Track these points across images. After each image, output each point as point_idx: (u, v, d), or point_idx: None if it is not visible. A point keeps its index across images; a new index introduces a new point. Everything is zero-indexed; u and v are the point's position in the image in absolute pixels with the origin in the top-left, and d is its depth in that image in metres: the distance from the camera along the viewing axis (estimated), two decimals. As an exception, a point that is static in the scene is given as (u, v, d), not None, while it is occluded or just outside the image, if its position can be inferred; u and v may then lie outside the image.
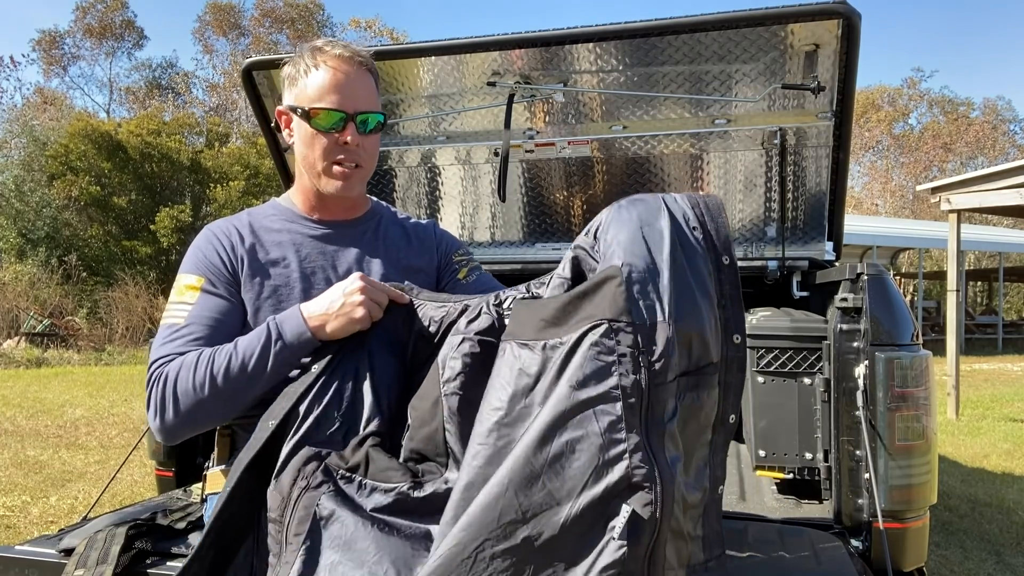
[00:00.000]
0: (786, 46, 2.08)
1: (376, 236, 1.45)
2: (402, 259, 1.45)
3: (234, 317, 1.28)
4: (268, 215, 1.40)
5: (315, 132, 1.29)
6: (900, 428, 1.64)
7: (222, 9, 28.25)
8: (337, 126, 1.28)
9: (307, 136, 1.30)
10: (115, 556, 1.44)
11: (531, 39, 2.14)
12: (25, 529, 3.47)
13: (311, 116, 1.28)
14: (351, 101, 1.28)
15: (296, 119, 1.31)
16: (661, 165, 2.57)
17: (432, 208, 2.94)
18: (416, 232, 1.51)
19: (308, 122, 1.28)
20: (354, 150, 1.30)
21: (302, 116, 1.29)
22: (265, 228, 1.37)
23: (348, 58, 1.29)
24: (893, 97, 33.29)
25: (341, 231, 1.41)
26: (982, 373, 10.90)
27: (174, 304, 1.28)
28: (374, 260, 1.41)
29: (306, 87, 1.29)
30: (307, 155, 1.32)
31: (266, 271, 1.32)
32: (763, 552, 1.58)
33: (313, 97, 1.27)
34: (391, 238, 1.46)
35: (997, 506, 3.91)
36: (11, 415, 6.54)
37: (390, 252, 1.44)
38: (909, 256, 22.96)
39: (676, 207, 0.99)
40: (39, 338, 12.39)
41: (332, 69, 1.28)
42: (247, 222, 1.38)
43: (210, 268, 1.30)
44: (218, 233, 1.34)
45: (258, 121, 2.63)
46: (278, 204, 1.43)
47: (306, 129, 1.30)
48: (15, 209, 15.32)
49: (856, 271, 1.76)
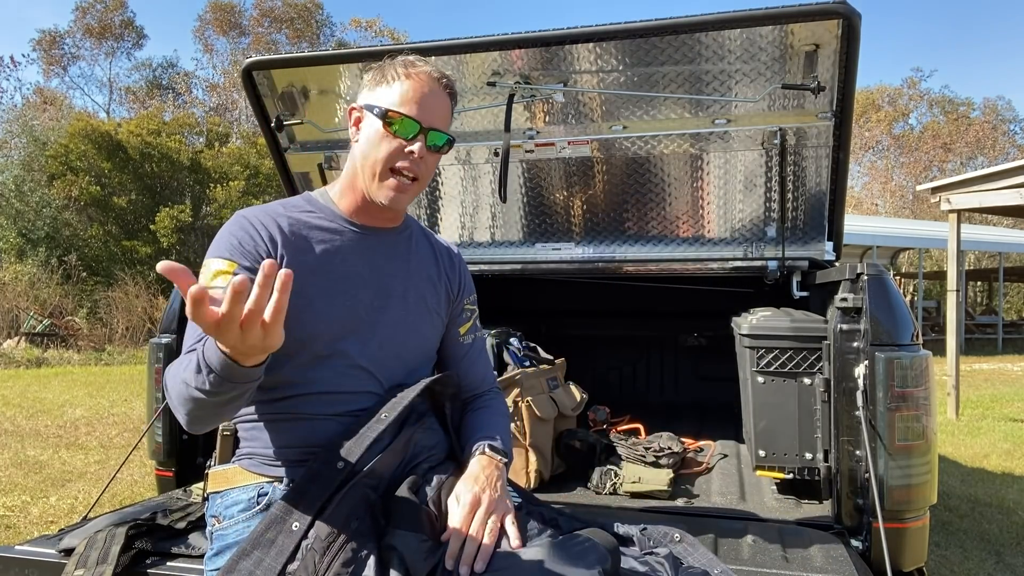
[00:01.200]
0: (786, 46, 2.08)
1: (410, 248, 1.46)
2: (427, 272, 1.46)
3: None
4: (306, 211, 1.37)
5: (386, 134, 1.30)
6: (900, 428, 1.64)
7: (223, 8, 28.25)
8: (409, 134, 1.30)
9: (377, 136, 1.30)
10: (115, 556, 1.44)
11: (531, 39, 2.15)
12: (25, 529, 3.47)
13: (388, 118, 1.29)
14: (429, 116, 1.30)
15: (371, 117, 1.32)
16: (661, 165, 2.57)
17: (432, 208, 2.94)
18: (442, 252, 1.53)
19: (384, 122, 1.29)
20: (416, 161, 1.31)
21: (379, 115, 1.30)
22: (305, 224, 1.34)
23: (437, 78, 1.33)
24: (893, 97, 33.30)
25: (381, 239, 1.41)
26: (982, 373, 10.90)
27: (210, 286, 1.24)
28: (403, 271, 1.41)
29: (390, 92, 1.31)
30: (370, 155, 1.31)
31: (305, 270, 1.29)
32: (763, 552, 1.58)
33: (395, 102, 1.30)
34: (422, 253, 1.48)
35: (997, 506, 3.91)
36: (11, 415, 6.54)
37: (420, 264, 1.45)
38: (909, 256, 22.96)
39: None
40: (39, 338, 12.39)
41: (420, 83, 1.31)
42: (285, 216, 1.33)
43: (244, 254, 1.26)
44: (254, 222, 1.30)
45: (258, 121, 2.63)
46: (316, 201, 1.39)
47: (378, 130, 1.30)
48: (15, 209, 15.32)
49: (856, 271, 1.76)
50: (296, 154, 2.77)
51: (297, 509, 1.13)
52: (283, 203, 1.39)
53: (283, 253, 1.29)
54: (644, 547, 1.31)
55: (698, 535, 1.62)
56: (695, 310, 3.48)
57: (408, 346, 1.39)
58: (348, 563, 1.06)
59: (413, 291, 1.41)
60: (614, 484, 2.14)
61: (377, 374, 1.33)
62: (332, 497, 1.13)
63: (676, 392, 3.65)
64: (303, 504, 1.13)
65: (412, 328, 1.40)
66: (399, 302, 1.39)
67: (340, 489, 1.14)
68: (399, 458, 1.25)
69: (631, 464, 2.23)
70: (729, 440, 2.70)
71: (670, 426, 2.57)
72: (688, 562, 1.26)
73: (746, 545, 1.62)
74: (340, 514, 1.10)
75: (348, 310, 1.32)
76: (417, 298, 1.42)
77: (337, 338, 1.30)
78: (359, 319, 1.33)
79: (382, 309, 1.36)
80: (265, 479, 1.28)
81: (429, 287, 1.45)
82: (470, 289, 1.58)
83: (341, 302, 1.32)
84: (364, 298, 1.34)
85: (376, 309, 1.35)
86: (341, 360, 1.30)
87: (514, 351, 2.52)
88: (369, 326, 1.34)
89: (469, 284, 1.58)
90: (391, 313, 1.37)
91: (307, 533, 1.11)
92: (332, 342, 1.30)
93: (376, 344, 1.34)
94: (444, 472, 1.28)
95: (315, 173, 2.82)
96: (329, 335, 1.29)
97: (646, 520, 1.61)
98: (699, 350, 3.62)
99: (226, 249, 1.26)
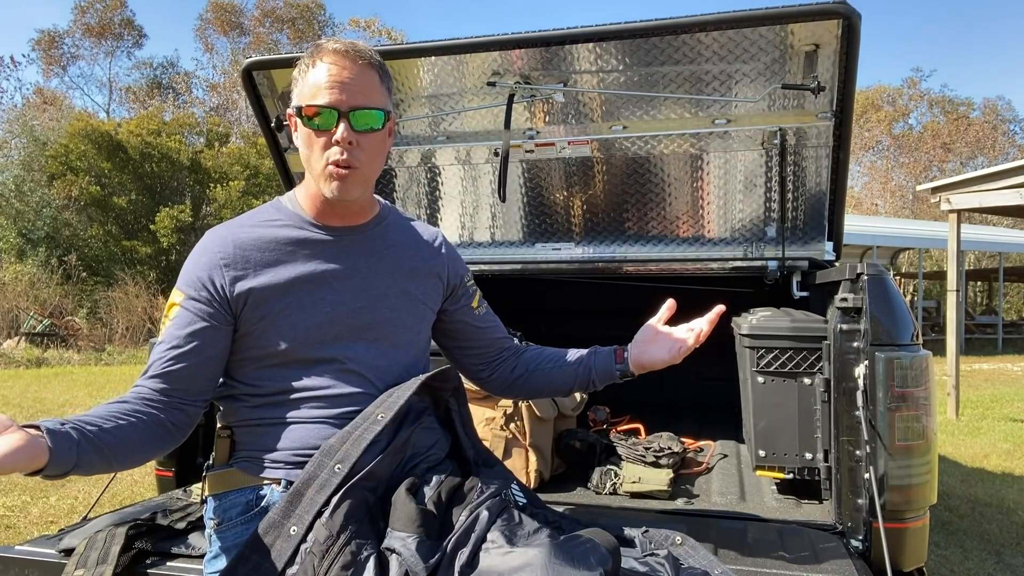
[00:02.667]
0: (786, 46, 2.08)
1: (384, 243, 1.41)
2: (408, 264, 1.42)
3: (208, 335, 1.26)
4: (272, 220, 1.35)
5: (310, 131, 1.25)
6: (900, 428, 1.64)
7: (223, 8, 28.25)
8: (330, 124, 1.24)
9: (305, 137, 1.27)
10: (115, 556, 1.44)
11: (531, 39, 2.14)
12: (25, 529, 3.47)
13: (305, 115, 1.24)
14: (347, 97, 1.23)
15: (297, 121, 1.28)
16: (661, 165, 2.57)
17: (432, 208, 2.94)
18: (424, 239, 1.48)
19: (303, 121, 1.25)
20: (348, 149, 1.24)
21: (299, 115, 1.26)
22: (272, 238, 1.32)
23: (344, 52, 1.24)
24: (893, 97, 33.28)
25: (349, 238, 1.37)
26: (982, 373, 10.90)
27: (164, 319, 1.29)
28: (381, 268, 1.38)
29: (304, 86, 1.26)
30: (307, 156, 1.29)
31: (278, 282, 1.28)
32: (763, 552, 1.58)
33: (308, 95, 1.24)
34: (400, 244, 1.43)
35: (997, 506, 3.91)
36: (11, 415, 6.52)
37: (398, 258, 1.41)
38: (909, 256, 22.95)
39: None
40: (39, 338, 12.39)
41: (328, 65, 1.24)
42: (251, 231, 1.32)
43: (192, 284, 1.27)
44: (211, 246, 1.30)
45: (258, 121, 2.63)
46: (283, 207, 1.37)
47: (303, 129, 1.27)
48: (15, 209, 15.32)
49: (856, 271, 1.76)
50: (296, 154, 2.76)
51: (295, 513, 1.13)
52: (252, 214, 1.37)
53: (247, 271, 1.28)
54: (645, 549, 1.31)
55: (698, 535, 1.62)
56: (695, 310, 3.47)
57: (398, 343, 1.38)
58: (347, 566, 1.06)
59: (395, 287, 1.38)
60: (614, 484, 2.14)
61: (369, 375, 1.32)
62: (330, 500, 1.13)
63: (676, 392, 3.65)
64: (301, 508, 1.13)
65: (399, 324, 1.38)
66: (381, 300, 1.36)
67: (338, 492, 1.14)
68: (397, 459, 1.25)
69: (631, 464, 2.23)
70: (729, 440, 2.70)
71: (670, 426, 2.57)
72: (688, 563, 1.26)
73: (746, 545, 1.62)
74: (338, 517, 1.10)
75: (328, 316, 1.30)
76: (399, 293, 1.39)
77: (322, 344, 1.29)
78: (342, 323, 1.31)
79: (365, 310, 1.34)
80: (262, 482, 1.28)
81: (412, 279, 1.41)
82: (463, 269, 1.55)
83: (320, 309, 1.30)
84: (344, 301, 1.32)
85: (358, 311, 1.33)
86: (330, 365, 1.30)
87: (514, 351, 2.52)
88: (353, 329, 1.32)
89: (459, 264, 1.54)
90: (375, 313, 1.35)
91: (305, 537, 1.10)
92: (317, 349, 1.29)
93: (363, 346, 1.32)
94: (443, 472, 1.28)
95: (315, 173, 2.82)
96: (312, 342, 1.29)
97: (646, 520, 1.61)
98: (699, 350, 3.60)
99: (182, 276, 1.30)
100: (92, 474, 1.11)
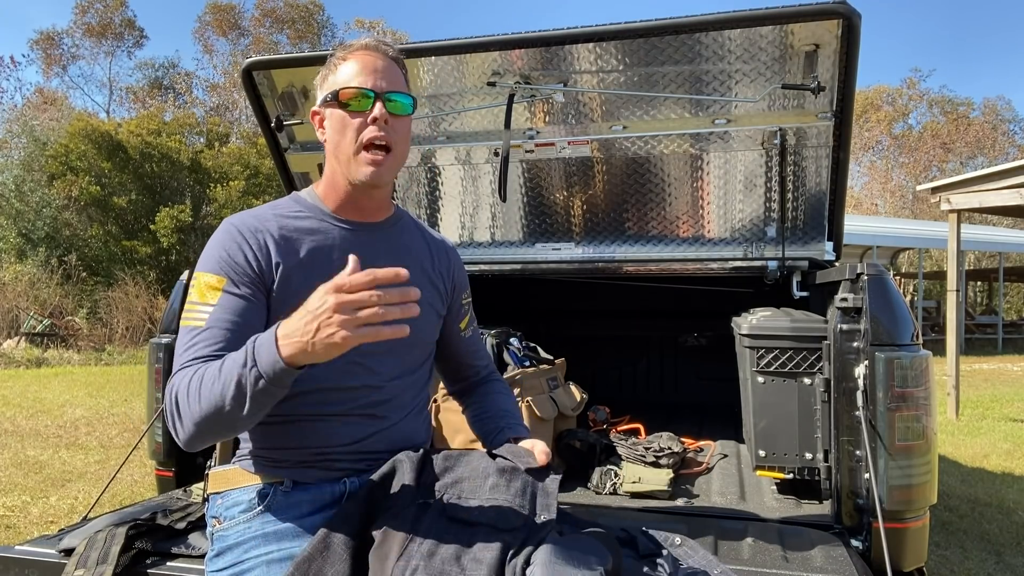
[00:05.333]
0: (786, 46, 2.08)
1: (402, 241, 1.44)
2: (421, 265, 1.44)
3: (256, 318, 1.25)
4: (295, 212, 1.36)
5: (345, 114, 1.28)
6: (900, 428, 1.64)
7: (222, 9, 28.24)
8: (367, 105, 1.28)
9: (339, 121, 1.29)
10: (115, 556, 1.44)
11: (531, 39, 2.14)
12: (25, 529, 3.47)
13: (340, 99, 1.28)
14: (380, 82, 1.29)
15: (329, 109, 1.31)
16: (661, 165, 2.57)
17: (432, 208, 2.94)
18: (435, 245, 1.51)
19: (338, 105, 1.28)
20: (384, 127, 1.28)
21: (332, 100, 1.29)
22: (295, 227, 1.33)
23: (375, 47, 1.33)
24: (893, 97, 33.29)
25: (372, 232, 1.39)
26: (982, 373, 10.90)
27: (196, 305, 1.24)
28: (403, 265, 1.38)
29: (337, 78, 1.30)
30: (339, 143, 1.30)
31: (301, 273, 1.28)
32: (763, 552, 1.58)
33: (343, 83, 1.29)
34: (414, 245, 1.46)
35: (997, 506, 3.91)
36: (11, 415, 6.53)
37: (413, 258, 1.43)
38: (909, 256, 22.96)
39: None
40: (39, 338, 12.39)
41: (361, 56, 1.31)
42: (275, 220, 1.33)
43: (233, 267, 1.26)
44: (243, 231, 1.29)
45: (258, 121, 2.63)
46: (302, 200, 1.38)
47: (337, 114, 1.29)
48: (15, 209, 15.32)
49: (856, 271, 1.76)
50: (296, 154, 2.77)
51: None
52: (272, 206, 1.37)
53: (278, 261, 1.28)
54: (645, 549, 1.31)
55: (698, 535, 1.62)
56: (695, 310, 3.48)
57: (405, 342, 1.38)
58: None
59: (422, 285, 1.39)
60: (614, 484, 2.14)
61: (375, 368, 1.32)
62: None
63: (676, 392, 3.65)
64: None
65: (410, 322, 1.39)
66: None
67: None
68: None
69: (631, 464, 2.23)
70: (729, 440, 2.70)
71: (670, 426, 2.57)
72: (688, 563, 1.26)
73: (746, 545, 1.62)
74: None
75: None
76: None
77: None
78: None
79: None
80: (265, 480, 1.28)
81: (424, 281, 1.43)
82: (465, 285, 1.57)
83: None
84: None
85: None
86: (339, 357, 1.30)
87: (514, 351, 2.52)
88: None
89: (464, 280, 1.57)
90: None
91: None
92: None
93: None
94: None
95: (315, 173, 2.82)
96: None
97: (646, 520, 1.61)
98: (699, 350, 3.62)
99: (215, 263, 1.26)
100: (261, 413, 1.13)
